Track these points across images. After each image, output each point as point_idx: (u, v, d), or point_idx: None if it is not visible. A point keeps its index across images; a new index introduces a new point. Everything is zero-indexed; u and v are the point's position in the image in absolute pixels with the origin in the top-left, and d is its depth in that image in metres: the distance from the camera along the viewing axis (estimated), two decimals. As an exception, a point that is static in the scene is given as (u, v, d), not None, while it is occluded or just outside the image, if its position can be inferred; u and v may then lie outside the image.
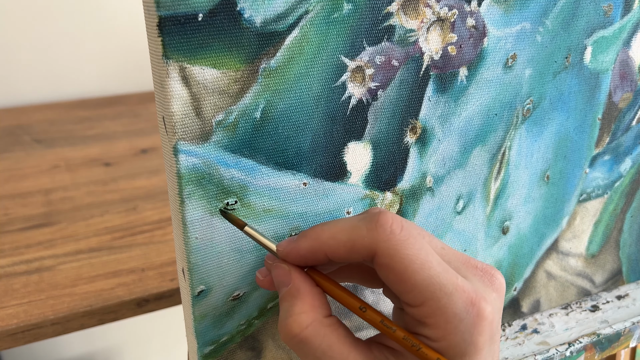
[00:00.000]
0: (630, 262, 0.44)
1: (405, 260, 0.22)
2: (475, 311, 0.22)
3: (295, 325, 0.23)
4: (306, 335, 0.23)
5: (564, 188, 0.38)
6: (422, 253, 0.22)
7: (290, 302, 0.24)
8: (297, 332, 0.23)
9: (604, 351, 0.41)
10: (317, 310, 0.24)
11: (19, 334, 0.43)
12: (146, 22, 0.22)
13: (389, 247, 0.22)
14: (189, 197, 0.25)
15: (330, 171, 0.28)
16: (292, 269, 0.25)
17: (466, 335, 0.22)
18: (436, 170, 0.31)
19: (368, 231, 0.23)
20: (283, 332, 0.23)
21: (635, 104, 0.38)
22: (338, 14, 0.25)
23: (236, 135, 0.25)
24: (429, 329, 0.22)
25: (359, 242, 0.23)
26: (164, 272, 0.49)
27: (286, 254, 0.25)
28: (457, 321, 0.22)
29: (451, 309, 0.22)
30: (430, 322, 0.22)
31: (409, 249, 0.22)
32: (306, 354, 0.23)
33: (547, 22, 0.31)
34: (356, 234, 0.23)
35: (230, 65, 0.23)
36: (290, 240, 0.25)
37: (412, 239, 0.23)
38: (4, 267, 0.49)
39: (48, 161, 0.71)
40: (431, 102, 0.29)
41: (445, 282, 0.22)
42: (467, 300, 0.22)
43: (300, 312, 0.23)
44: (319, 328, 0.23)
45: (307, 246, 0.24)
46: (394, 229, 0.23)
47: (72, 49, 0.93)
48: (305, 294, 0.24)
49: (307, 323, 0.23)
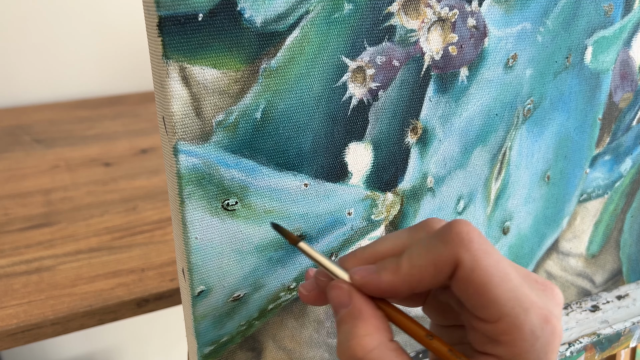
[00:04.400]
0: (631, 262, 0.44)
1: (487, 273, 0.21)
2: (549, 329, 0.21)
3: (359, 349, 0.21)
4: (370, 359, 0.21)
5: (565, 188, 0.37)
6: (501, 265, 0.21)
7: (352, 324, 0.22)
8: (360, 356, 0.21)
9: (604, 351, 0.41)
10: (382, 333, 0.22)
11: (19, 334, 0.43)
12: (146, 22, 0.22)
13: (471, 258, 0.21)
14: (189, 197, 0.25)
15: (331, 172, 0.28)
16: (352, 289, 0.23)
17: (541, 354, 0.21)
18: (437, 170, 0.31)
19: (445, 245, 0.21)
20: (345, 355, 0.22)
21: (635, 104, 0.38)
22: (339, 14, 0.25)
23: (236, 135, 0.25)
24: (502, 348, 0.21)
25: (441, 261, 0.21)
26: (164, 272, 0.49)
27: (363, 284, 0.23)
28: (534, 339, 0.21)
29: (528, 326, 0.20)
30: (505, 339, 0.21)
31: (489, 259, 0.21)
32: None
33: (547, 22, 0.31)
34: (435, 252, 0.22)
35: (230, 66, 0.23)
36: (369, 271, 0.23)
37: (490, 247, 0.21)
38: (4, 267, 0.49)
39: (48, 161, 0.71)
40: (432, 103, 0.29)
41: (522, 297, 0.21)
42: (542, 317, 0.21)
43: (365, 334, 0.22)
44: (384, 352, 0.21)
45: (388, 280, 0.23)
46: (472, 237, 0.21)
47: (72, 49, 0.93)
48: (369, 316, 0.22)
49: (372, 346, 0.22)
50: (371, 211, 0.30)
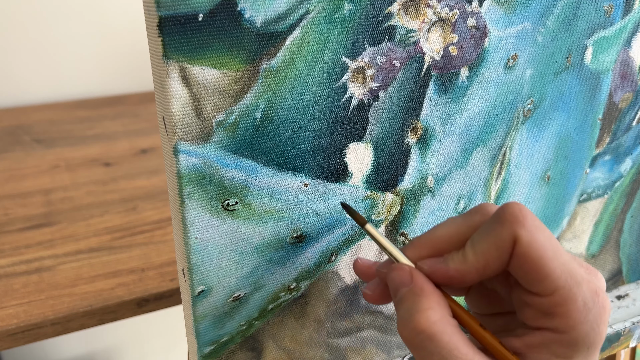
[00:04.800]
0: (630, 262, 0.44)
1: (541, 247, 0.22)
2: (600, 301, 0.22)
3: (423, 320, 0.22)
4: (434, 330, 0.22)
5: (565, 188, 0.38)
6: (553, 240, 0.22)
7: (414, 299, 0.23)
8: (425, 327, 0.22)
9: (603, 351, 0.41)
10: (443, 308, 0.23)
11: (19, 334, 0.43)
12: (146, 22, 0.22)
13: (527, 234, 0.22)
14: (189, 197, 0.25)
15: (332, 172, 0.28)
16: (413, 269, 0.25)
17: (594, 324, 0.22)
18: (437, 170, 0.31)
19: (502, 225, 0.23)
20: (409, 327, 0.23)
21: (635, 104, 0.38)
22: (339, 15, 0.25)
23: (237, 135, 0.25)
24: (558, 320, 0.22)
25: (501, 241, 0.22)
26: (164, 272, 0.49)
27: (431, 272, 0.24)
28: (587, 310, 0.22)
29: (581, 297, 0.22)
30: (560, 311, 0.22)
31: (542, 234, 0.22)
32: (431, 352, 0.22)
33: (548, 22, 0.31)
34: (494, 234, 0.23)
35: (230, 66, 0.23)
36: (436, 261, 0.25)
37: (542, 225, 0.23)
38: (4, 267, 0.49)
39: (48, 161, 0.71)
40: (432, 103, 0.29)
41: (574, 271, 0.22)
42: (593, 291, 0.22)
43: (428, 307, 0.23)
44: (447, 326, 0.22)
45: (456, 268, 0.24)
46: (525, 214, 0.22)
47: (72, 49, 0.93)
48: (431, 292, 0.24)
49: (435, 319, 0.22)
50: (371, 211, 0.30)
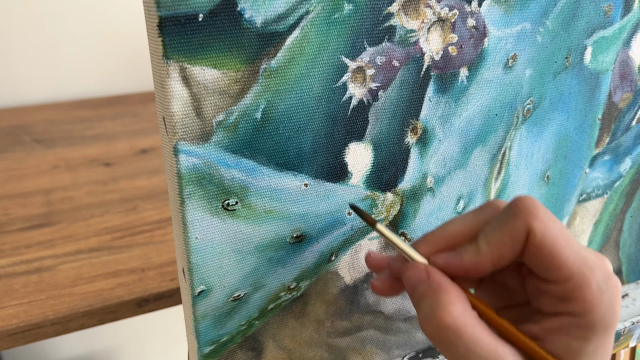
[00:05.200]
0: (630, 262, 0.44)
1: (555, 237, 0.23)
2: (612, 284, 0.23)
3: (446, 316, 0.23)
4: (458, 324, 0.23)
5: (564, 188, 0.38)
6: (565, 230, 0.23)
7: (434, 296, 0.24)
8: (449, 322, 0.23)
9: (604, 351, 0.41)
10: (464, 302, 0.24)
11: (19, 334, 0.43)
12: (146, 22, 0.22)
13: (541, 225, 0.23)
14: (189, 197, 0.25)
15: (331, 172, 0.28)
16: (428, 267, 0.25)
17: (609, 306, 0.23)
18: (437, 170, 0.31)
19: (516, 217, 0.23)
20: (433, 324, 0.23)
21: (635, 104, 0.38)
22: (339, 15, 0.25)
23: (237, 135, 0.25)
24: (575, 304, 0.23)
25: (515, 232, 0.23)
26: (164, 272, 0.49)
27: (445, 266, 0.25)
28: (601, 293, 0.23)
29: (595, 281, 0.23)
30: (577, 295, 0.23)
31: (554, 225, 0.23)
32: (456, 345, 0.23)
33: (547, 22, 0.31)
34: (508, 226, 0.24)
35: (230, 66, 0.23)
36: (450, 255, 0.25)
37: (553, 217, 0.23)
38: (4, 267, 0.49)
39: (48, 161, 0.71)
40: (432, 103, 0.29)
41: (587, 258, 0.23)
42: (605, 274, 0.23)
43: (449, 302, 0.23)
44: (469, 318, 0.23)
45: (470, 260, 0.24)
46: (537, 206, 0.23)
47: (72, 49, 0.93)
48: (449, 286, 0.24)
49: (459, 313, 0.23)
50: (371, 211, 0.30)
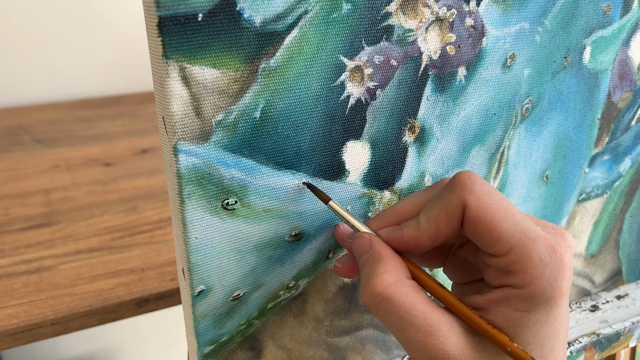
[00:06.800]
0: (630, 262, 0.44)
1: (491, 210, 0.23)
2: (557, 257, 0.23)
3: (378, 284, 0.24)
4: (389, 292, 0.23)
5: (563, 188, 0.38)
6: (504, 202, 0.23)
7: (372, 265, 0.25)
8: (380, 289, 0.23)
9: (603, 351, 0.41)
10: (399, 271, 0.24)
11: (19, 334, 0.43)
12: (146, 22, 0.22)
13: (475, 199, 0.23)
14: (189, 197, 0.25)
15: (329, 170, 0.28)
16: (372, 237, 0.26)
17: (551, 279, 0.23)
18: (435, 169, 0.31)
19: (452, 192, 0.24)
20: (366, 292, 0.24)
21: (634, 104, 0.38)
22: (337, 14, 0.25)
23: (236, 135, 0.25)
24: (515, 276, 0.23)
25: (450, 207, 0.24)
26: (164, 272, 0.49)
27: (388, 239, 0.26)
28: (543, 265, 0.23)
29: (536, 253, 0.23)
30: (517, 268, 0.23)
31: (491, 198, 0.23)
32: (389, 312, 0.23)
33: (546, 22, 0.31)
34: (444, 202, 0.24)
35: (230, 65, 0.23)
36: (393, 229, 0.26)
37: (491, 189, 0.24)
38: (4, 267, 0.49)
39: (48, 161, 0.71)
40: (430, 102, 0.29)
41: (528, 229, 0.23)
42: (550, 247, 0.23)
43: (383, 271, 0.24)
44: (402, 287, 0.24)
45: (410, 234, 0.25)
46: (474, 181, 0.23)
47: (72, 49, 0.93)
48: (387, 257, 0.25)
49: (391, 281, 0.24)
50: (368, 209, 0.30)
